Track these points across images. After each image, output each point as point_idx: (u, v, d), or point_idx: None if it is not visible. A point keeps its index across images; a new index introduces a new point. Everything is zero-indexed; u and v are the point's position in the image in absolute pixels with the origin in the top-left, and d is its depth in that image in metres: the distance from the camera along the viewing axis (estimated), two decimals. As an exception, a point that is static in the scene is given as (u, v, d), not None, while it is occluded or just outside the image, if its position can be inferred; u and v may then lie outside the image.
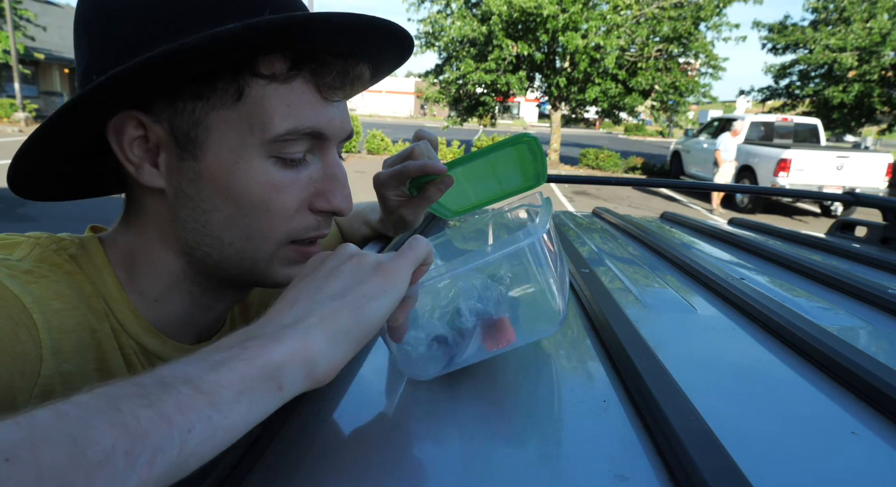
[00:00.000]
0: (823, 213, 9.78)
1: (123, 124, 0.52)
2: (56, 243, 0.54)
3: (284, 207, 0.53)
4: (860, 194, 1.57)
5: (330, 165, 0.55)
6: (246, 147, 0.50)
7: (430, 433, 0.44)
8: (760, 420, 0.46)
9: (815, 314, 0.75)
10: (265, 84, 0.50)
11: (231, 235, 0.53)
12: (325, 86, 0.51)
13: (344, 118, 0.55)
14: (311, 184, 0.54)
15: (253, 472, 0.38)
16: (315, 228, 0.56)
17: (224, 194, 0.52)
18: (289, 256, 0.56)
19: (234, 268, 0.56)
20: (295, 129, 0.51)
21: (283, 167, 0.52)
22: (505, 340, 0.50)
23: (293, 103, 0.50)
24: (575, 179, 1.82)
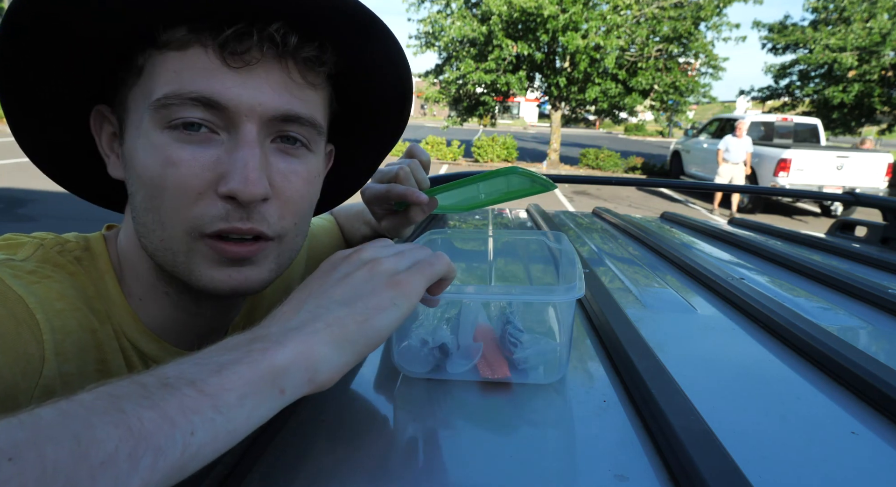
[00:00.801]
0: (823, 213, 9.77)
1: (100, 121, 0.54)
2: (60, 245, 0.54)
3: (182, 185, 0.47)
4: (860, 194, 1.57)
5: (237, 144, 0.48)
6: (143, 121, 0.48)
7: (430, 433, 0.44)
8: (760, 420, 0.46)
9: (815, 314, 0.75)
10: (159, 54, 0.48)
11: (151, 220, 0.50)
12: (226, 49, 0.46)
13: (262, 91, 0.48)
14: (218, 165, 0.48)
15: (253, 472, 0.38)
16: (223, 218, 0.48)
17: (136, 174, 0.50)
18: (206, 253, 0.50)
19: (164, 262, 0.52)
20: (176, 92, 0.46)
21: (180, 141, 0.47)
22: (500, 372, 0.51)
23: (181, 69, 0.46)
24: (575, 180, 1.82)
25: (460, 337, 0.53)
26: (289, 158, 0.52)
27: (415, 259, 0.43)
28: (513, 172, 0.69)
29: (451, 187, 0.72)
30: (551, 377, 0.52)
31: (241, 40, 0.46)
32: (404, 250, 0.44)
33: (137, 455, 0.24)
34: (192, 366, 0.29)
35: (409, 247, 0.45)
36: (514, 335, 0.52)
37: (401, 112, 0.65)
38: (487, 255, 0.74)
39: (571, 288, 0.49)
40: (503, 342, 0.53)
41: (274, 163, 0.51)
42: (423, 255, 0.44)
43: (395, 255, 0.43)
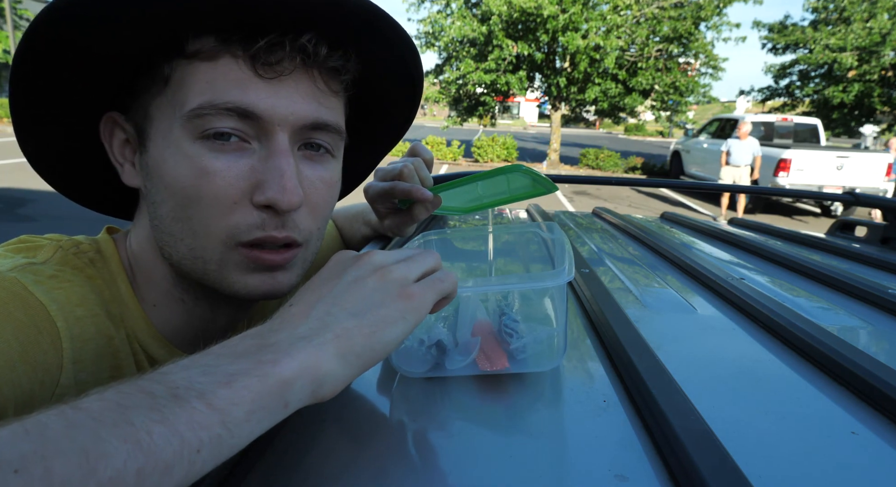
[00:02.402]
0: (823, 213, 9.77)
1: (111, 127, 0.54)
2: (76, 247, 0.54)
3: (218, 195, 0.48)
4: (860, 194, 1.57)
5: (273, 152, 0.48)
6: (172, 131, 0.48)
7: (430, 433, 0.44)
8: (760, 420, 0.46)
9: (815, 314, 0.75)
10: (188, 63, 0.47)
11: (179, 229, 0.50)
12: (258, 61, 0.47)
13: (293, 101, 0.48)
14: (253, 174, 0.48)
15: (253, 472, 0.38)
16: (259, 226, 0.49)
17: (163, 184, 0.49)
18: (240, 261, 0.50)
19: (192, 270, 0.52)
20: (210, 103, 0.46)
21: (213, 151, 0.47)
22: (499, 363, 0.51)
23: (214, 80, 0.47)
24: (575, 180, 1.82)
25: (458, 334, 0.54)
26: (315, 165, 0.53)
27: (424, 268, 0.43)
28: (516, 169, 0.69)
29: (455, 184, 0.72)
30: (550, 364, 0.52)
31: (273, 51, 0.47)
32: (414, 257, 0.43)
33: (146, 472, 0.24)
34: (200, 375, 0.29)
35: (416, 253, 0.44)
36: (510, 326, 0.52)
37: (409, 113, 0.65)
38: (488, 254, 0.74)
39: (560, 273, 0.49)
40: (500, 334, 0.53)
41: (302, 170, 0.52)
42: (432, 263, 0.43)
43: (405, 261, 0.42)
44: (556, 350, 0.53)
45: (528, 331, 0.53)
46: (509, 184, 0.72)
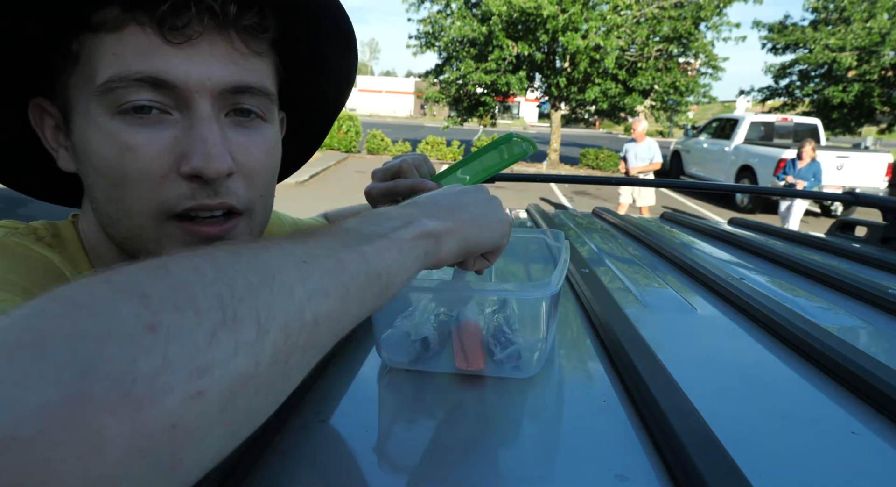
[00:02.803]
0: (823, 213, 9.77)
1: (40, 114, 0.52)
2: (33, 233, 0.54)
3: (143, 171, 0.46)
4: (860, 194, 1.57)
5: (193, 121, 0.47)
6: (89, 109, 0.46)
7: (431, 433, 0.44)
8: (760, 420, 0.46)
9: (815, 314, 0.75)
10: (94, 37, 0.45)
11: (114, 210, 0.49)
12: (165, 26, 0.44)
13: (210, 65, 0.46)
14: (177, 146, 0.47)
15: (253, 472, 0.38)
16: (189, 196, 0.47)
17: (91, 166, 0.48)
18: (178, 235, 0.49)
19: (134, 250, 0.51)
20: (119, 75, 0.44)
21: (133, 125, 0.46)
22: (475, 364, 0.52)
23: (121, 51, 0.45)
24: (575, 179, 1.82)
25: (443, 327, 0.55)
26: (246, 131, 0.51)
27: None
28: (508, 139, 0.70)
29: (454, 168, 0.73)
30: (526, 373, 0.52)
31: (179, 14, 0.45)
32: None
33: (369, 274, 0.33)
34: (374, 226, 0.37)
35: None
36: (497, 337, 0.53)
37: (347, 63, 0.63)
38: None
39: (545, 285, 0.50)
40: (489, 339, 0.53)
41: (232, 137, 0.50)
42: None
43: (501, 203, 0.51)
44: (536, 361, 0.53)
45: (515, 340, 0.53)
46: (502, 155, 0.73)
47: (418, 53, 14.49)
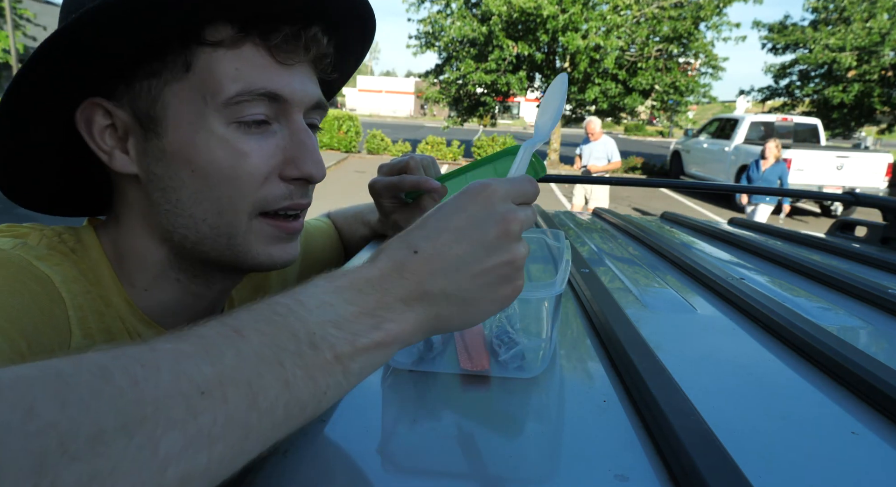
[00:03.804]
0: (823, 213, 9.78)
1: (91, 114, 0.53)
2: (58, 236, 0.56)
3: (252, 173, 0.52)
4: (860, 194, 1.57)
5: (296, 130, 0.54)
6: (203, 117, 0.50)
7: (431, 433, 0.44)
8: (760, 420, 0.46)
9: (815, 314, 0.75)
10: (212, 51, 0.50)
11: (203, 210, 0.53)
12: (276, 49, 0.51)
13: (306, 84, 0.54)
14: (280, 152, 0.53)
15: (253, 472, 0.38)
16: (287, 196, 0.54)
17: (189, 168, 0.51)
18: (265, 230, 0.55)
19: (213, 248, 0.55)
20: (247, 90, 0.50)
21: (246, 133, 0.51)
22: (479, 364, 0.52)
23: (242, 67, 0.50)
24: (575, 180, 1.82)
25: None
26: (313, 139, 0.58)
27: None
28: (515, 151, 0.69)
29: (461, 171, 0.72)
30: (530, 373, 0.52)
31: (289, 41, 0.52)
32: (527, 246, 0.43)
33: (289, 406, 0.29)
34: (333, 328, 0.33)
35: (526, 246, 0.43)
36: (501, 337, 0.53)
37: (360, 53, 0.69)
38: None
39: (549, 285, 0.50)
40: (492, 340, 0.53)
41: None
42: None
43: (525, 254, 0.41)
44: (540, 360, 0.53)
45: (519, 340, 0.53)
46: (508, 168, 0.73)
47: (418, 53, 14.50)
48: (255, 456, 0.29)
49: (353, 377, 0.34)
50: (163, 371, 0.25)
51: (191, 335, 0.29)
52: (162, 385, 0.25)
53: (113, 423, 0.22)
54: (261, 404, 0.28)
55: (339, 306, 0.34)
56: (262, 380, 0.28)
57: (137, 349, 0.26)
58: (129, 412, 0.23)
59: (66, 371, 0.23)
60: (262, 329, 0.30)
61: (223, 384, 0.27)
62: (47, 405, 0.21)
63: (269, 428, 0.28)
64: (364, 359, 0.34)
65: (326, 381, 0.32)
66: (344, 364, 0.33)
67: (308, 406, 0.31)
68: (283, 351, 0.30)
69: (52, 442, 0.20)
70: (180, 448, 0.24)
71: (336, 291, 0.35)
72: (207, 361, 0.27)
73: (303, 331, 0.32)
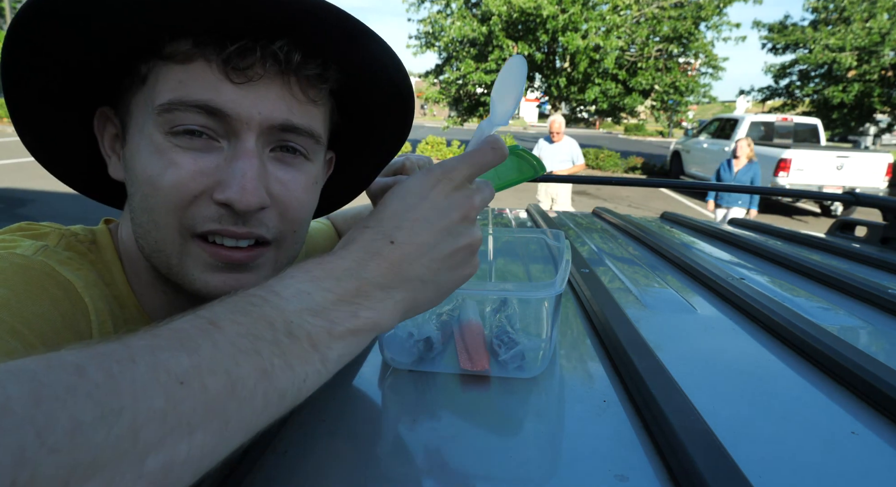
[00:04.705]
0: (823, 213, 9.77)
1: (104, 121, 0.56)
2: (75, 236, 0.56)
3: (177, 186, 0.49)
4: (860, 194, 1.57)
5: (236, 153, 0.49)
6: (146, 125, 0.50)
7: (431, 432, 0.44)
8: (760, 420, 0.46)
9: (815, 314, 0.75)
10: (163, 64, 0.49)
11: (146, 221, 0.51)
12: (229, 65, 0.48)
13: (265, 104, 0.49)
14: (217, 172, 0.49)
15: (252, 472, 0.38)
16: (214, 219, 0.50)
17: (135, 175, 0.51)
18: (200, 255, 0.51)
19: (159, 263, 0.53)
20: (180, 99, 0.48)
21: (182, 147, 0.49)
22: (479, 364, 0.52)
23: (185, 80, 0.48)
24: (575, 180, 1.82)
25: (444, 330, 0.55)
26: (287, 168, 0.53)
27: None
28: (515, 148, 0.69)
29: None
30: (531, 372, 0.52)
31: (245, 56, 0.48)
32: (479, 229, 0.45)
33: (268, 394, 0.30)
34: (310, 316, 0.33)
35: None
36: (501, 337, 0.53)
37: (403, 119, 0.65)
38: (487, 254, 0.74)
39: (549, 285, 0.50)
40: (492, 341, 0.54)
41: (273, 172, 0.52)
42: None
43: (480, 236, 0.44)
44: (540, 360, 0.53)
45: (519, 340, 0.53)
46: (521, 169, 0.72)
47: (418, 53, 14.49)
48: (237, 445, 0.29)
49: (331, 365, 0.34)
50: (138, 364, 0.26)
51: (166, 330, 0.29)
52: (139, 377, 0.25)
53: (91, 415, 0.22)
54: (240, 392, 0.28)
55: (317, 293, 0.35)
56: (240, 369, 0.28)
57: (111, 346, 0.27)
58: (107, 403, 0.23)
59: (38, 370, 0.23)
60: (237, 320, 0.31)
61: (201, 374, 0.27)
62: (21, 402, 0.21)
63: (250, 416, 0.29)
64: (342, 347, 0.34)
65: (305, 369, 0.32)
66: (322, 352, 0.33)
67: (287, 394, 0.31)
68: (260, 340, 0.30)
69: (30, 436, 0.21)
70: (160, 438, 0.24)
71: (313, 280, 0.35)
72: (184, 352, 0.27)
73: (279, 320, 0.32)
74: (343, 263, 0.37)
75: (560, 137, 5.74)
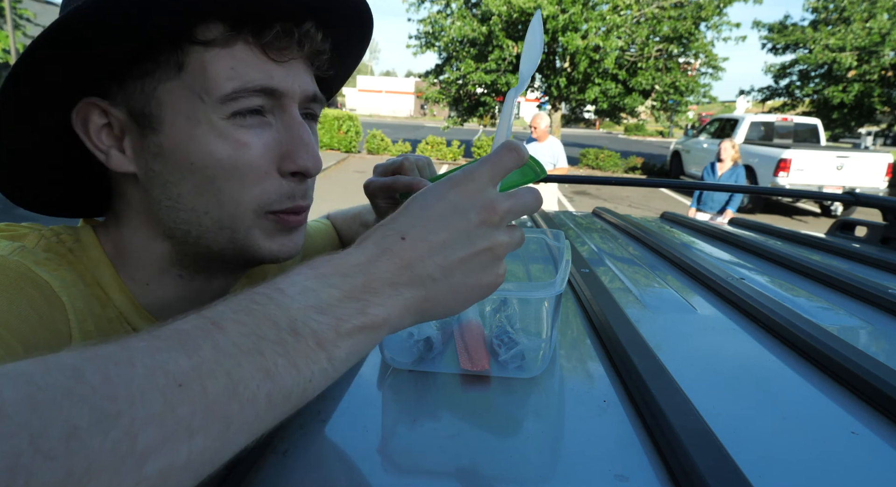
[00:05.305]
0: (823, 213, 9.77)
1: (87, 114, 0.53)
2: (56, 236, 0.56)
3: (252, 165, 0.52)
4: (860, 194, 1.57)
5: (292, 125, 0.54)
6: (200, 112, 0.51)
7: (431, 432, 0.44)
8: (760, 420, 0.46)
9: (815, 314, 0.75)
10: (204, 51, 0.50)
11: (204, 203, 0.53)
12: (269, 46, 0.51)
13: (301, 79, 0.55)
14: (277, 146, 0.53)
15: (252, 472, 0.38)
16: (289, 196, 0.54)
17: (188, 162, 0.52)
18: (269, 226, 0.55)
19: (215, 242, 0.55)
20: (243, 87, 0.50)
21: (243, 127, 0.52)
22: (479, 364, 0.52)
23: (236, 65, 0.50)
24: (575, 180, 1.82)
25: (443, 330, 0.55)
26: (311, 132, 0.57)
27: None
28: None
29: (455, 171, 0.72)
30: (531, 373, 0.53)
31: (281, 38, 0.52)
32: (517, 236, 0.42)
33: (272, 396, 0.29)
34: (316, 312, 0.33)
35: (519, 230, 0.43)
36: (501, 337, 0.53)
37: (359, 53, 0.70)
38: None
39: (550, 285, 0.50)
40: (491, 341, 0.54)
41: None
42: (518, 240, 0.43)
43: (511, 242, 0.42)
44: (540, 360, 0.53)
45: (519, 340, 0.53)
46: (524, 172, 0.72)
47: (418, 53, 14.49)
48: (240, 449, 0.28)
49: (338, 364, 0.33)
50: (137, 367, 0.25)
51: (167, 331, 0.28)
52: (136, 380, 0.25)
53: (86, 420, 0.22)
54: (242, 394, 0.27)
55: (323, 290, 0.34)
56: (242, 370, 0.28)
57: (110, 347, 0.26)
58: (103, 408, 0.23)
59: (35, 374, 0.23)
60: (240, 320, 0.30)
61: (201, 376, 0.26)
62: (17, 407, 0.21)
63: (253, 419, 0.28)
64: (350, 345, 0.33)
65: (310, 368, 0.31)
66: (328, 351, 0.32)
67: (293, 395, 0.30)
68: (263, 340, 0.30)
69: (24, 443, 0.20)
70: (159, 442, 0.24)
71: (318, 277, 0.35)
72: (184, 354, 0.27)
73: (283, 319, 0.31)
74: (352, 259, 0.36)
75: (543, 137, 5.32)
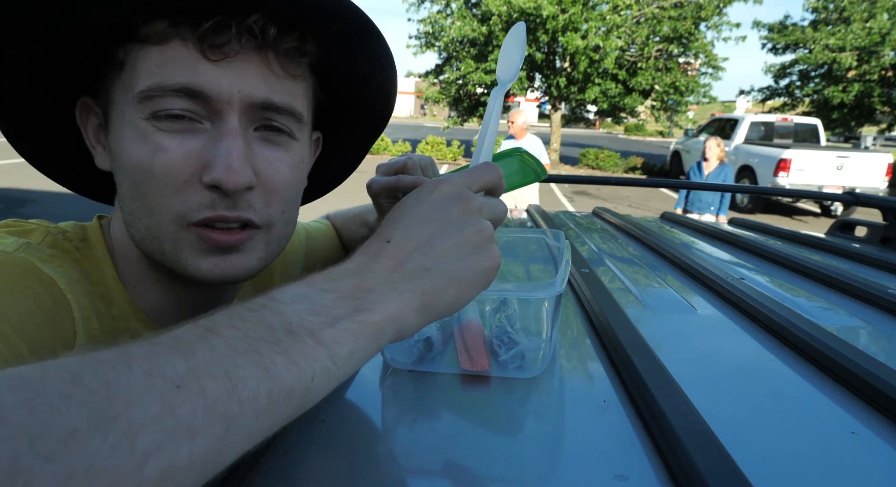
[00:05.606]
0: (823, 213, 9.77)
1: (86, 112, 0.55)
2: (63, 233, 0.56)
3: (169, 172, 0.48)
4: (860, 194, 1.57)
5: (221, 134, 0.49)
6: (127, 113, 0.49)
7: (431, 432, 0.44)
8: (760, 420, 0.46)
9: (815, 314, 0.75)
10: (140, 48, 0.49)
11: (137, 208, 0.51)
12: (204, 41, 0.47)
13: (246, 82, 0.49)
14: (203, 154, 0.49)
15: (253, 472, 0.38)
16: (209, 206, 0.49)
17: (121, 163, 0.51)
18: (193, 241, 0.51)
19: (151, 251, 0.53)
20: (159, 85, 0.47)
21: (165, 131, 0.48)
22: (479, 364, 0.52)
23: (163, 62, 0.48)
24: (575, 180, 1.82)
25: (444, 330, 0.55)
26: (273, 147, 0.53)
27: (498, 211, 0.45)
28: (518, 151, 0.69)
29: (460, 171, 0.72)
30: (531, 373, 0.53)
31: (220, 33, 0.47)
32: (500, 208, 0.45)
33: (273, 394, 0.28)
34: (309, 314, 0.32)
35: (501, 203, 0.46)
36: (501, 337, 0.53)
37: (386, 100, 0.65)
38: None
39: (549, 285, 0.50)
40: (491, 341, 0.54)
41: (258, 151, 0.52)
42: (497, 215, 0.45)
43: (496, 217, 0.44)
44: (540, 360, 0.53)
45: (519, 340, 0.53)
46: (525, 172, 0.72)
47: (418, 53, 14.49)
48: (244, 451, 0.28)
49: (342, 362, 0.32)
50: (134, 370, 0.25)
51: (164, 338, 0.29)
52: (134, 383, 0.25)
53: (86, 423, 0.22)
54: (241, 393, 0.27)
55: (315, 295, 0.34)
56: (240, 370, 0.28)
57: (108, 353, 0.26)
58: (102, 410, 0.23)
59: (33, 378, 0.23)
60: (235, 325, 0.30)
61: (199, 377, 0.26)
62: (15, 410, 0.21)
63: (254, 418, 0.28)
64: (351, 342, 0.33)
65: (312, 366, 0.31)
66: (329, 348, 0.32)
67: (294, 394, 0.30)
68: (259, 341, 0.30)
69: (23, 445, 0.20)
70: (159, 443, 0.24)
71: (309, 284, 0.35)
72: (180, 356, 0.27)
73: (278, 321, 0.31)
74: (342, 268, 0.37)
75: (520, 135, 5.17)
